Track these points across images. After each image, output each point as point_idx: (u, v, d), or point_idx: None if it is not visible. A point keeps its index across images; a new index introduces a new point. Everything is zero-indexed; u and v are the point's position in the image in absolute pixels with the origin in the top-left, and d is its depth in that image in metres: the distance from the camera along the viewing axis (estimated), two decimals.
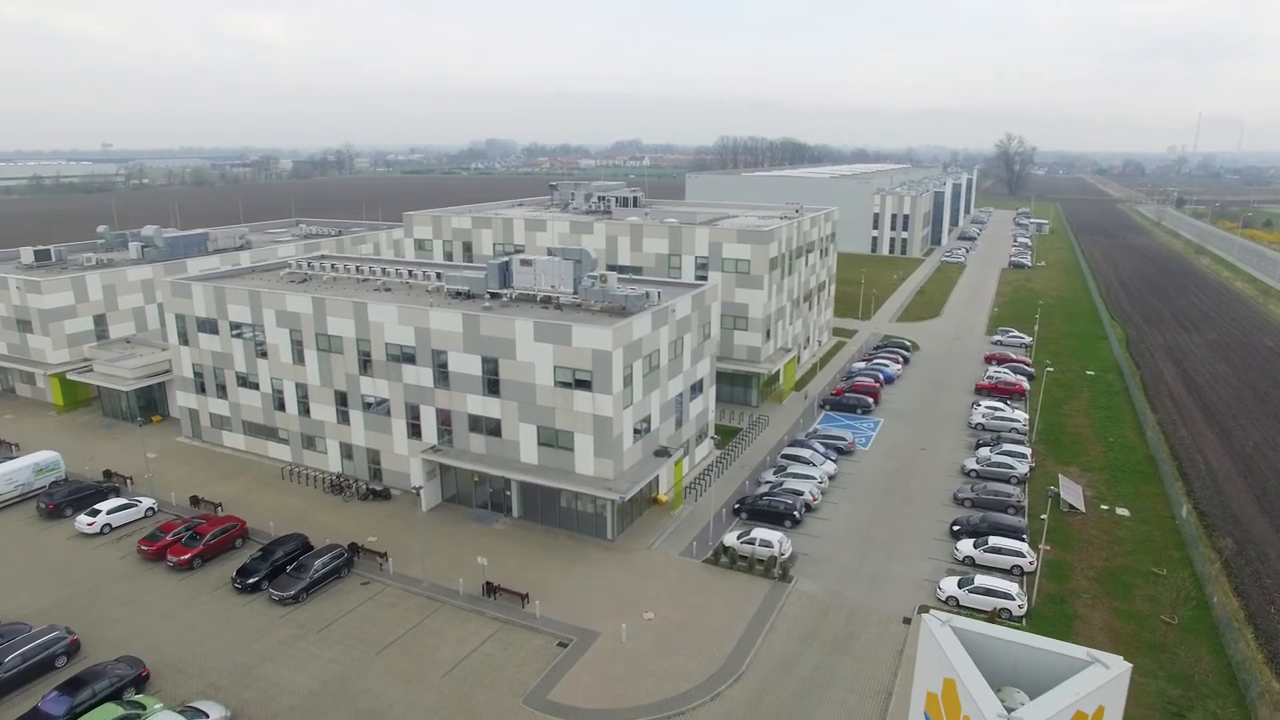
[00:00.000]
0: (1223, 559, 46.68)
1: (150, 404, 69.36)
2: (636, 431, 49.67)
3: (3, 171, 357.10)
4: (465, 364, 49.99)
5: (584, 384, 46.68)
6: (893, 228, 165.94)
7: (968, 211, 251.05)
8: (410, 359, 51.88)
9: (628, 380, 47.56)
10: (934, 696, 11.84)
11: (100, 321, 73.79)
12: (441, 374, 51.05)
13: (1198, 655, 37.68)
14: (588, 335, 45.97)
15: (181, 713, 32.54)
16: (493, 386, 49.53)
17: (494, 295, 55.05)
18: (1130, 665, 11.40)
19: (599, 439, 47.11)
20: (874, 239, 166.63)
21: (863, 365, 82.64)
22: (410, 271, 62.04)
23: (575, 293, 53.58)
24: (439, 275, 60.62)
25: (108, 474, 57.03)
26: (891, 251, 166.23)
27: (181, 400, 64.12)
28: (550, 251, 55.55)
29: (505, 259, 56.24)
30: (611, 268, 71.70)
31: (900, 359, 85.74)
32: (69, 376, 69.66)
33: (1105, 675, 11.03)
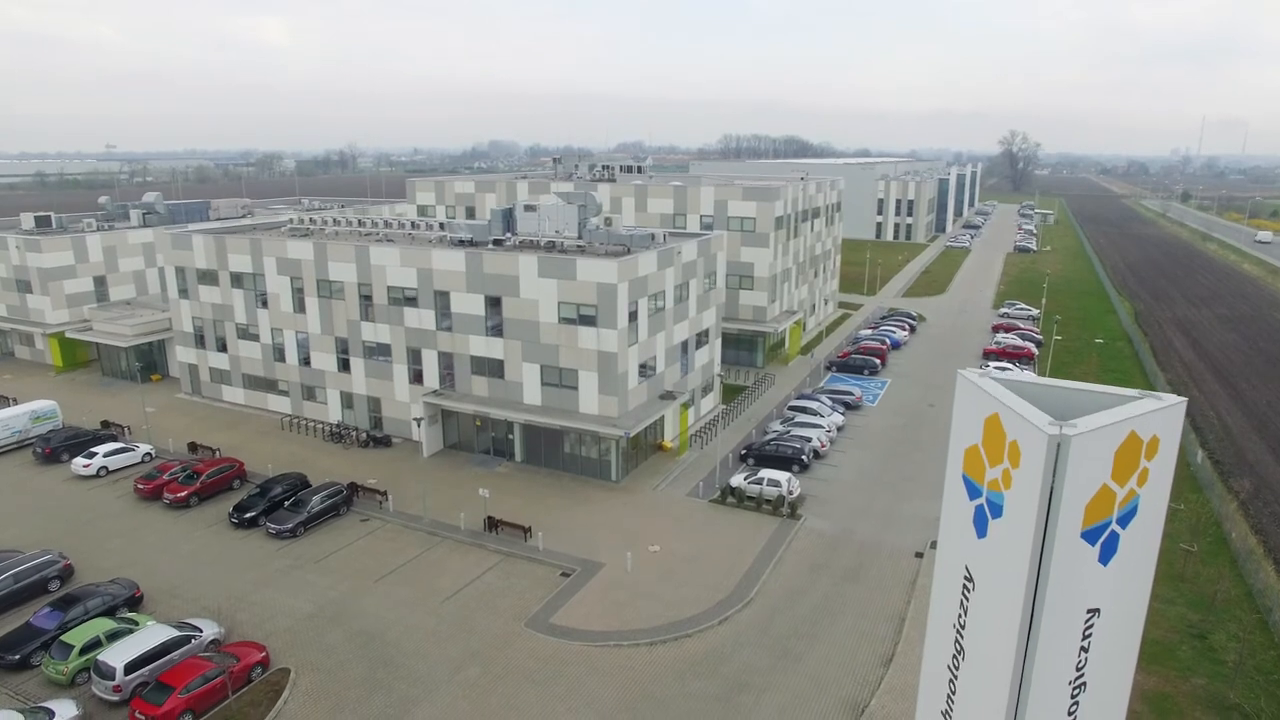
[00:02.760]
0: (1239, 499, 45.69)
1: (150, 365, 68.64)
2: (641, 373, 48.83)
3: (6, 169, 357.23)
4: (468, 304, 49.23)
5: (588, 320, 45.88)
6: (897, 213, 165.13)
7: (972, 204, 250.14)
8: (412, 301, 51.13)
9: (633, 316, 46.75)
10: (974, 449, 11.04)
11: (100, 283, 73.15)
12: (444, 316, 50.30)
13: (1218, 577, 36.76)
14: (592, 269, 45.19)
15: (176, 628, 31.71)
16: (496, 326, 48.74)
17: (497, 242, 54.26)
18: (1186, 399, 10.52)
19: (603, 376, 46.28)
20: (878, 224, 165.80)
21: (869, 333, 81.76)
22: (413, 223, 61.32)
23: (580, 237, 52.79)
24: (441, 225, 59.89)
25: (105, 424, 56.29)
26: (896, 237, 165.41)
27: (181, 355, 63.42)
28: (554, 192, 54.82)
29: (509, 206, 55.52)
30: None
31: (907, 327, 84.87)
32: (68, 335, 68.99)
33: (1160, 404, 10.20)
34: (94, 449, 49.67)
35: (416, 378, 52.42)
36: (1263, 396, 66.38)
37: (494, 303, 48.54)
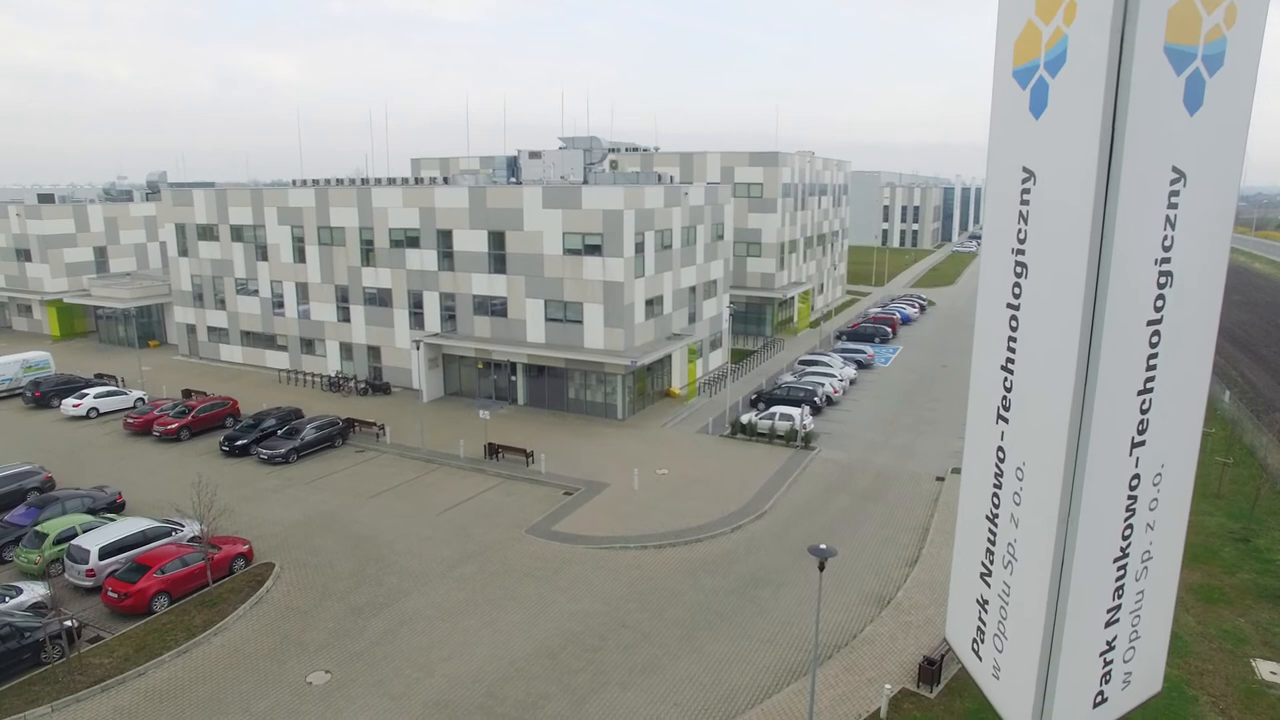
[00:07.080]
0: (1274, 432, 43.75)
1: (149, 333, 67.60)
2: (648, 310, 47.44)
3: (19, 194, 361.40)
4: (471, 241, 48.12)
5: (594, 249, 44.68)
6: (903, 220, 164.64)
7: (978, 220, 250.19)
8: (414, 242, 50.06)
9: (639, 248, 45.51)
10: (1026, 29, 9.66)
11: (101, 254, 72.45)
12: (446, 255, 49.19)
13: (1256, 492, 34.88)
14: (598, 197, 44.11)
15: (157, 521, 30.04)
16: (499, 262, 47.56)
17: None
18: None
19: (609, 308, 44.91)
20: (884, 231, 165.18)
21: (880, 309, 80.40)
22: (417, 179, 60.65)
23: (585, 181, 51.91)
24: (445, 180, 59.18)
25: (99, 375, 54.99)
26: (902, 244, 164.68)
27: (179, 316, 62.34)
28: (560, 140, 54.12)
29: (514, 155, 54.82)
30: None
31: (918, 306, 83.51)
32: (66, 300, 68.08)
33: None
34: (84, 390, 48.36)
35: (417, 322, 51.14)
36: None
37: (497, 238, 47.43)
